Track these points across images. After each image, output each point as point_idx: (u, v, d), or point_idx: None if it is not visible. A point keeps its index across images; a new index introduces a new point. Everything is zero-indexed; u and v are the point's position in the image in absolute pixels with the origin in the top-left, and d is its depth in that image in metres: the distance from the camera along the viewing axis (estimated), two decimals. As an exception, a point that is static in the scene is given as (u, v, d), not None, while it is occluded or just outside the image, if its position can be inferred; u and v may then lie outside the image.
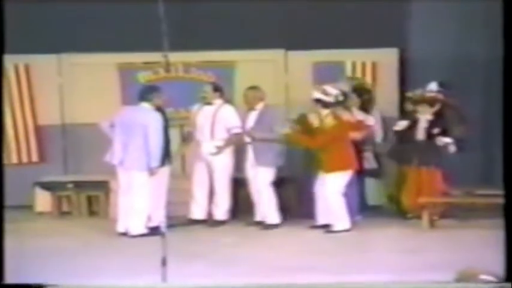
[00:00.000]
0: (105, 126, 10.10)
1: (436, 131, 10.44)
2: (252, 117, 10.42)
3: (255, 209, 10.45)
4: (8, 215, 6.40)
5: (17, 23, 6.68)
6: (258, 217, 10.40)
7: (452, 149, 10.33)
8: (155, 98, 10.01)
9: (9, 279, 6.08)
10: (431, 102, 10.51)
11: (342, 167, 9.89)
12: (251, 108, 10.46)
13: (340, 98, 10.28)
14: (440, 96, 10.51)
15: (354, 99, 11.32)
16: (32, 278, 6.56)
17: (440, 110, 10.58)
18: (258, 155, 10.26)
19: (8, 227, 6.30)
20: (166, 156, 10.17)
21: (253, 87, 10.62)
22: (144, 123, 9.75)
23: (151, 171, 9.76)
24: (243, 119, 10.49)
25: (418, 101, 10.60)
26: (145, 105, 9.95)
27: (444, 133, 10.41)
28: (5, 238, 6.17)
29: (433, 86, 10.57)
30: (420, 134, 10.57)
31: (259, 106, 10.41)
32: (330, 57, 11.86)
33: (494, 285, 5.50)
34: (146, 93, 10.08)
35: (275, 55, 12.06)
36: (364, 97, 11.38)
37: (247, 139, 10.37)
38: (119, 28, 11.50)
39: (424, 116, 10.55)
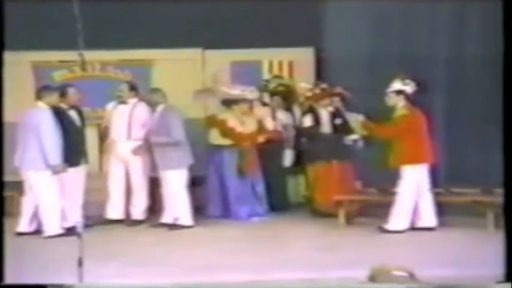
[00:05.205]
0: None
1: (338, 121, 10.67)
2: (153, 120, 10.29)
3: (166, 210, 10.31)
4: None
5: None
6: (169, 218, 10.23)
7: (360, 144, 10.47)
8: (47, 96, 9.81)
9: None
10: (331, 95, 10.70)
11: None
12: (153, 110, 10.37)
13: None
14: (338, 89, 10.71)
15: (277, 101, 11.50)
16: None
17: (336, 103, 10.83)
18: (161, 159, 10.10)
19: None
20: (82, 155, 10.08)
21: (153, 90, 10.60)
22: (35, 122, 9.62)
23: (54, 170, 9.60)
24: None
25: (319, 97, 10.76)
26: (39, 104, 9.77)
27: (346, 124, 10.63)
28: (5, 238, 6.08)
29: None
30: (325, 128, 10.72)
31: (159, 108, 10.28)
32: (247, 56, 11.95)
33: (493, 285, 5.68)
34: (39, 92, 9.94)
35: (192, 54, 12.07)
36: (289, 97, 11.60)
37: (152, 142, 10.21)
38: (34, 26, 11.33)
39: (325, 110, 10.73)
